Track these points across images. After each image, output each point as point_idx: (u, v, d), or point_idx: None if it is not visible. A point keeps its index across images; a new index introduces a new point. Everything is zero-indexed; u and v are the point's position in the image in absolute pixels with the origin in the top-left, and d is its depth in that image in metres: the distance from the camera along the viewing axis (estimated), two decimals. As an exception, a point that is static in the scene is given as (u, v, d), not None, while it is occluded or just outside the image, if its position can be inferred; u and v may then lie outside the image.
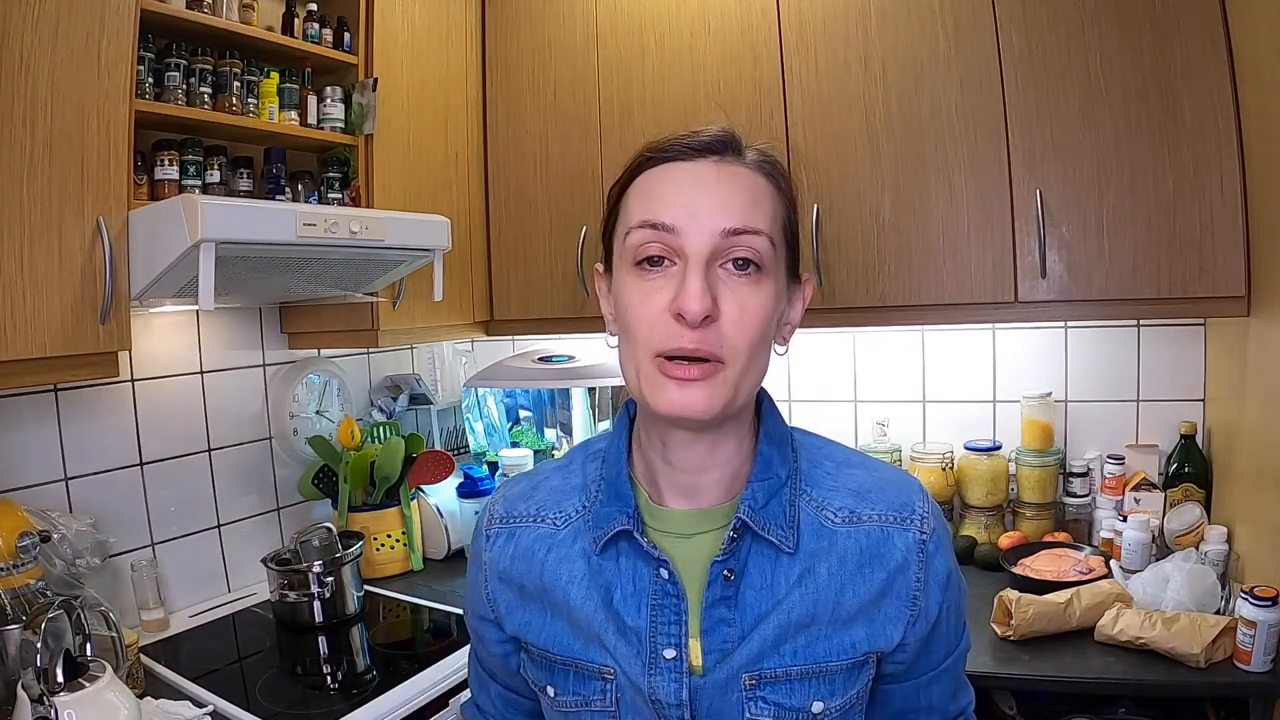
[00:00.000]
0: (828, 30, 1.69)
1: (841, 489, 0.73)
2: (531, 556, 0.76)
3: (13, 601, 1.19)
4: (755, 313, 0.65)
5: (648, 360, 0.65)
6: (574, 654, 0.73)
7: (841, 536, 0.71)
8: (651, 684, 0.69)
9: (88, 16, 1.21)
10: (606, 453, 0.77)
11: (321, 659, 1.53)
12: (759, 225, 0.65)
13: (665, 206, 0.65)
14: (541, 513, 0.77)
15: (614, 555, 0.72)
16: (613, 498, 0.73)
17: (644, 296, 0.65)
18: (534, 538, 0.76)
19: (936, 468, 1.89)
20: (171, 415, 1.68)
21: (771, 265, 0.66)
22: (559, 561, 0.74)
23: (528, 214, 2.04)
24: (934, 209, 1.62)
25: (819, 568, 0.70)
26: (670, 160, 0.68)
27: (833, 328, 1.94)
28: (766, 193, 0.68)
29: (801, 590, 0.69)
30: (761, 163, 0.69)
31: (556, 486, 0.79)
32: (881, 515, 0.71)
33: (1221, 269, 1.42)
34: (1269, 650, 1.21)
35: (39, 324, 1.17)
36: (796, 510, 0.71)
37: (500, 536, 0.78)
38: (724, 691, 0.69)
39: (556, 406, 2.29)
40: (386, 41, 1.76)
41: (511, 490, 0.81)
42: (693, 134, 0.68)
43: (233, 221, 1.25)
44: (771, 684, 0.69)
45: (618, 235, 0.70)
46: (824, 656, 0.69)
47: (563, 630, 0.74)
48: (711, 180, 0.66)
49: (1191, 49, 1.40)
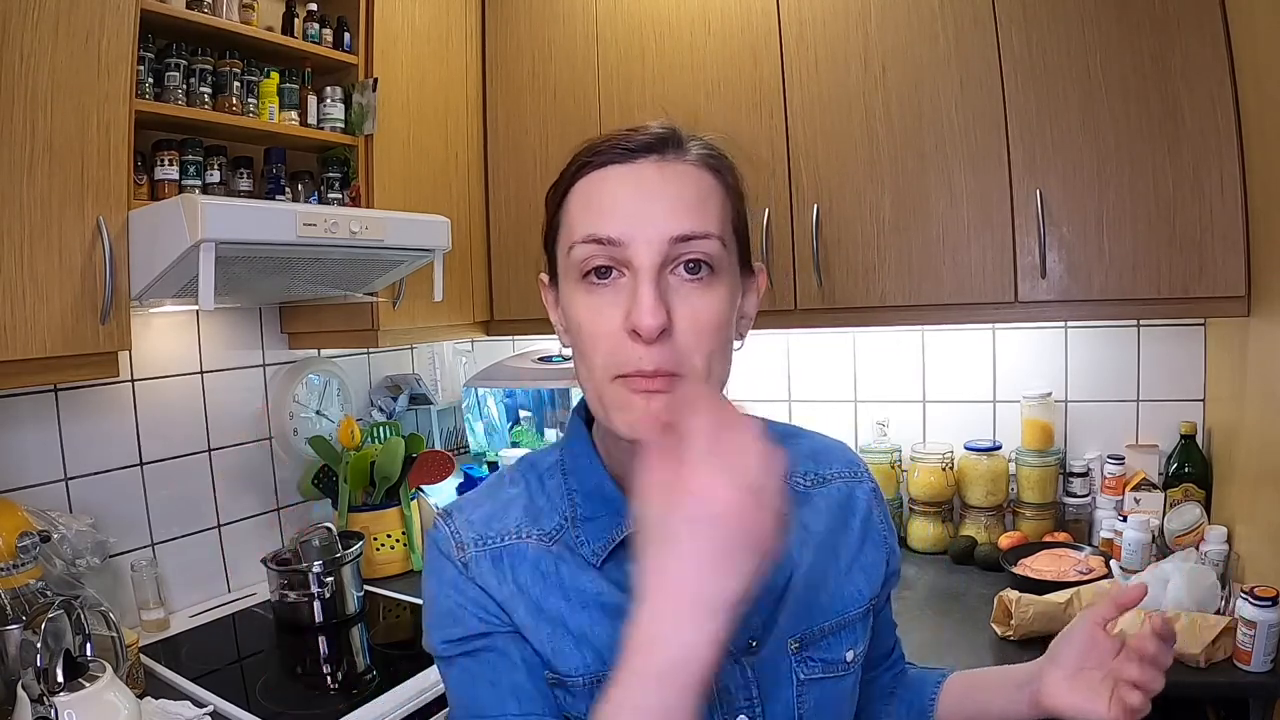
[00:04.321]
0: (828, 30, 1.69)
1: (797, 455, 0.78)
2: (543, 576, 0.68)
3: (13, 601, 1.19)
4: (710, 319, 0.62)
5: (606, 383, 0.62)
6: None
7: (817, 497, 0.76)
8: (716, 675, 0.64)
9: (88, 16, 1.21)
10: (567, 465, 0.72)
11: (321, 659, 1.53)
12: (708, 228, 0.62)
13: (608, 218, 0.61)
14: (523, 529, 0.70)
15: (617, 562, 0.68)
16: (600, 505, 0.69)
17: (594, 313, 0.62)
18: (533, 556, 0.69)
19: (936, 468, 1.89)
20: (171, 415, 1.68)
21: (724, 265, 0.63)
22: (576, 572, 0.69)
23: (528, 214, 2.04)
24: (934, 209, 1.62)
25: (815, 526, 0.74)
26: (608, 163, 0.63)
27: (833, 328, 1.94)
28: (713, 190, 0.64)
29: (810, 550, 0.73)
30: (706, 157, 0.65)
31: (526, 505, 0.71)
32: (839, 473, 0.79)
33: (1221, 269, 1.42)
34: (1269, 650, 1.21)
35: (39, 324, 1.18)
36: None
37: (482, 560, 0.68)
38: (776, 663, 0.70)
39: (556, 406, 2.29)
40: (386, 41, 1.76)
41: (474, 514, 0.71)
42: (630, 131, 0.64)
43: (233, 221, 1.25)
44: (814, 642, 0.72)
45: (560, 247, 0.66)
46: (844, 607, 0.74)
47: (606, 642, 0.66)
48: (655, 183, 0.62)
49: (1191, 49, 1.40)
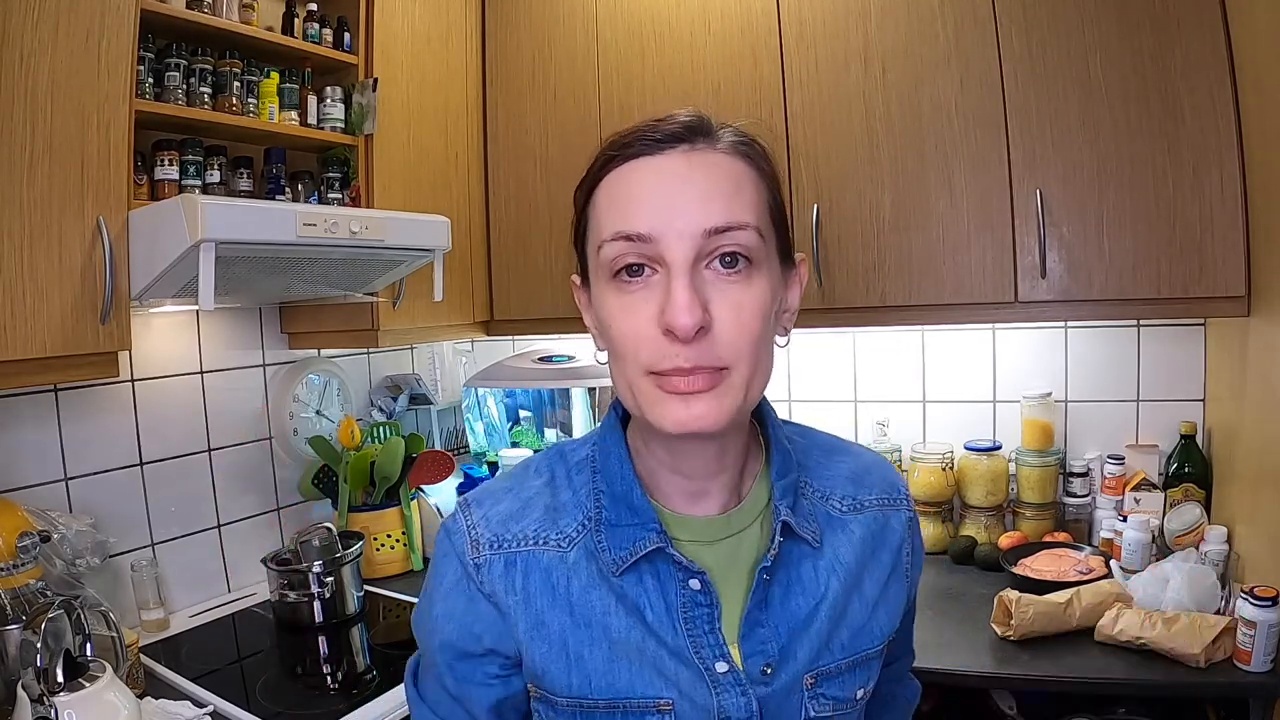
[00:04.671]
0: (828, 30, 1.69)
1: (837, 477, 0.73)
2: (552, 589, 0.66)
3: (13, 601, 1.19)
4: (751, 313, 0.58)
5: (641, 378, 0.59)
6: (618, 693, 0.64)
7: (852, 524, 0.71)
8: (720, 703, 0.64)
9: (88, 16, 1.21)
10: (598, 463, 0.69)
11: (321, 659, 1.53)
12: (744, 219, 0.58)
13: (637, 213, 0.58)
14: (541, 534, 0.67)
15: (635, 575, 0.65)
16: (626, 513, 0.66)
17: (627, 314, 0.59)
18: (545, 565, 0.66)
19: (936, 468, 1.89)
20: (171, 415, 1.68)
21: (762, 257, 0.60)
22: (586, 590, 0.65)
23: (528, 214, 2.04)
24: (934, 209, 1.62)
25: (845, 558, 0.70)
26: (635, 155, 0.60)
27: (833, 328, 1.94)
28: (747, 178, 0.61)
29: (838, 582, 0.69)
30: (738, 144, 0.61)
31: (549, 504, 0.69)
32: (879, 500, 0.73)
33: (1221, 269, 1.42)
34: (1269, 650, 1.21)
35: (39, 324, 1.17)
36: (811, 503, 0.71)
37: (495, 564, 0.67)
38: (788, 695, 0.66)
39: (556, 406, 2.29)
40: (386, 41, 1.76)
41: (493, 510, 0.69)
42: (657, 122, 0.61)
43: (233, 221, 1.25)
44: (828, 679, 0.68)
45: (590, 246, 0.63)
46: (865, 645, 0.70)
47: (600, 668, 0.65)
48: (684, 174, 0.58)
49: (1191, 49, 1.40)
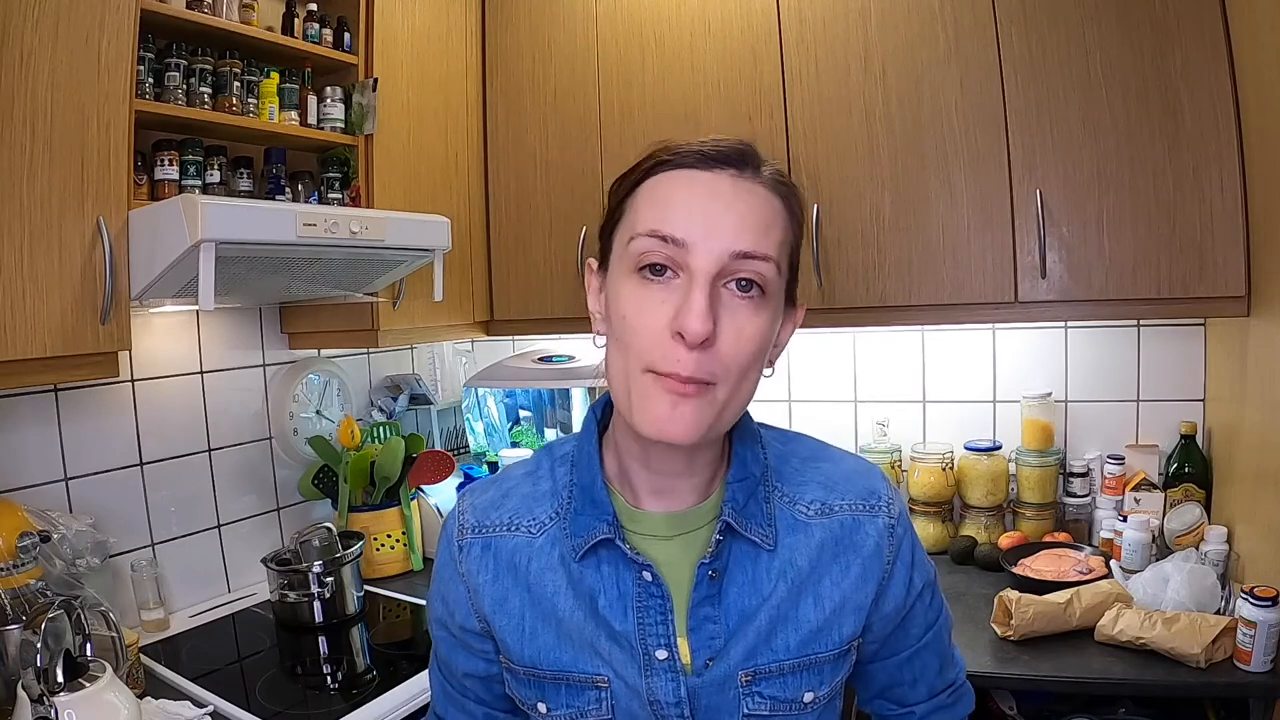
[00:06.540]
0: (828, 30, 1.69)
1: (810, 482, 0.74)
2: (515, 569, 0.74)
3: (13, 601, 1.19)
4: (752, 338, 0.63)
5: (639, 373, 0.63)
6: (563, 667, 0.72)
7: (816, 529, 0.72)
8: (650, 686, 0.69)
9: (88, 16, 1.21)
10: (576, 457, 0.75)
11: (321, 659, 1.53)
12: (769, 251, 0.63)
13: (677, 218, 0.62)
14: (515, 521, 0.75)
15: (594, 562, 0.71)
16: (588, 504, 0.71)
17: (643, 306, 0.63)
18: (512, 547, 0.74)
19: (936, 468, 1.89)
20: (171, 415, 1.68)
21: (774, 290, 0.65)
22: (542, 571, 0.73)
23: (528, 214, 2.04)
24: (934, 209, 1.62)
25: (799, 561, 0.71)
26: (686, 167, 0.64)
27: (833, 328, 1.94)
28: (780, 216, 0.65)
29: (786, 585, 0.71)
30: (778, 183, 0.66)
31: (527, 493, 0.76)
32: (851, 505, 0.74)
33: (1221, 269, 1.42)
34: (1269, 650, 1.21)
35: (39, 324, 1.17)
36: (773, 507, 0.72)
37: (474, 546, 0.75)
38: (721, 688, 0.70)
39: (556, 406, 2.29)
40: (386, 41, 1.76)
41: (479, 499, 0.78)
42: (711, 142, 0.65)
43: (233, 221, 1.25)
44: (766, 678, 0.70)
45: (619, 236, 0.67)
46: (814, 648, 0.71)
47: (549, 643, 0.72)
48: (727, 197, 0.63)
49: (1191, 49, 1.40)
